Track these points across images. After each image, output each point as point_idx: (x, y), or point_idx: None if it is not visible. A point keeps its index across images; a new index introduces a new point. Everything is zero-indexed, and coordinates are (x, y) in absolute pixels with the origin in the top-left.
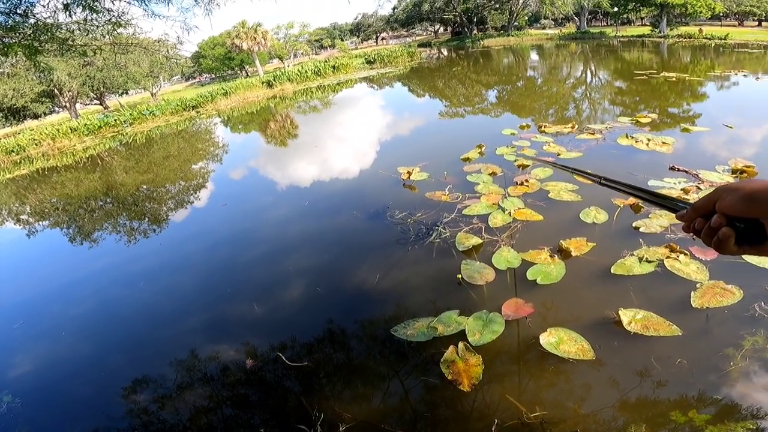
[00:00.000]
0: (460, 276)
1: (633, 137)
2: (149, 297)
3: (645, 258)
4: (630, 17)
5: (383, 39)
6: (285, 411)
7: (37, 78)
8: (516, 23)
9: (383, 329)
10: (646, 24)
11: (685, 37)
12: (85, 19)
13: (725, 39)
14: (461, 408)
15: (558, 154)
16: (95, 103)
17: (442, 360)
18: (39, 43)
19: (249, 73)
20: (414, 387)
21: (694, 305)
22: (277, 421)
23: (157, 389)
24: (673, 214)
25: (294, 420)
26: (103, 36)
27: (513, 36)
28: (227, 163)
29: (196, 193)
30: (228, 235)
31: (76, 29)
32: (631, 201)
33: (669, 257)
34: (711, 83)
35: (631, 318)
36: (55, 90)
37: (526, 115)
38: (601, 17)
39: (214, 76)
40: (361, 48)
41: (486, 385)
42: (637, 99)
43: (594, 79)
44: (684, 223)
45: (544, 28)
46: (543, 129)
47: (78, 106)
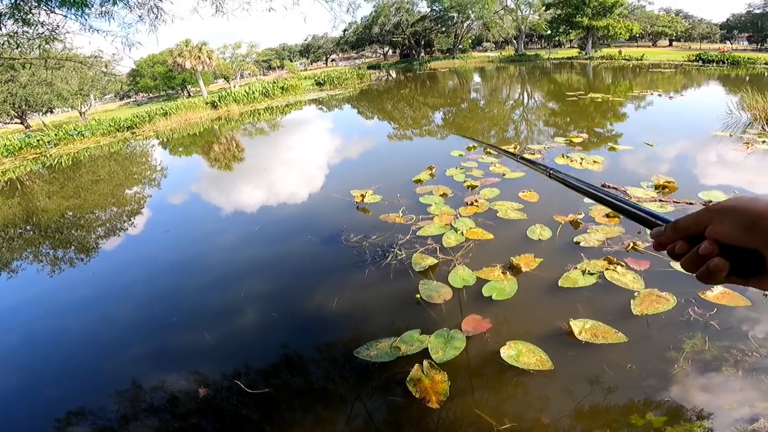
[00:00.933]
0: (418, 296)
1: (568, 157)
2: (85, 327)
3: (587, 270)
4: (561, 40)
5: (333, 60)
6: None
7: None
8: (461, 46)
9: (345, 352)
10: (574, 46)
11: (608, 59)
12: (16, 32)
13: (641, 59)
14: (432, 425)
15: (503, 174)
16: (15, 122)
17: (408, 378)
18: None
19: (191, 93)
20: (381, 407)
21: (634, 312)
22: None
23: (97, 420)
24: (638, 223)
25: None
26: (32, 50)
27: (458, 58)
28: (166, 188)
29: (131, 220)
30: (172, 263)
31: (4, 42)
32: (571, 218)
33: (608, 269)
34: (630, 104)
35: (581, 328)
36: None
37: (470, 137)
38: (537, 40)
39: (152, 95)
40: (311, 69)
41: (454, 401)
42: (568, 120)
43: (530, 101)
44: (656, 241)
45: (486, 50)
46: (488, 150)
47: None
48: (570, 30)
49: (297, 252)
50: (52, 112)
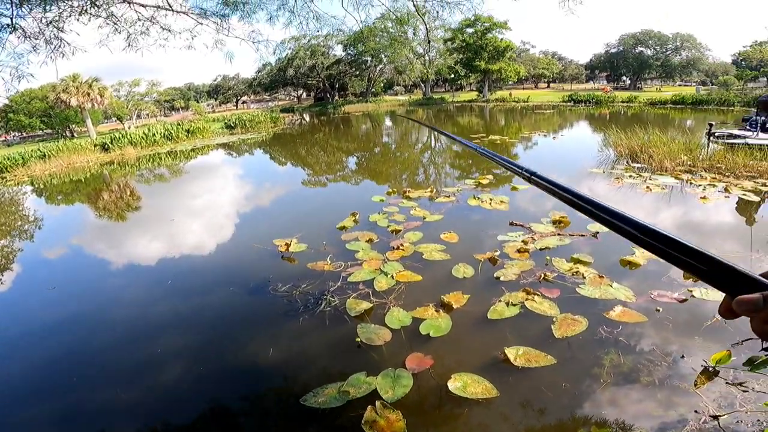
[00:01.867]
0: (358, 339)
1: (479, 198)
2: None
3: (510, 302)
4: (462, 83)
5: (244, 103)
6: None
7: None
8: (373, 89)
9: (290, 401)
10: (473, 89)
11: (501, 101)
12: None
13: (527, 101)
14: None
15: (424, 217)
16: None
17: (363, 421)
18: None
19: (76, 134)
20: None
21: (556, 336)
22: None
23: None
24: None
25: None
26: None
27: (371, 102)
28: (44, 241)
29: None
30: (66, 322)
31: None
32: (489, 255)
33: (527, 299)
34: (520, 144)
35: (516, 354)
36: None
37: (385, 182)
38: (442, 83)
39: (25, 134)
40: (219, 111)
41: None
42: (472, 161)
43: (437, 144)
44: (744, 309)
45: (397, 94)
46: (407, 195)
47: None
48: (470, 74)
49: (221, 304)
50: None
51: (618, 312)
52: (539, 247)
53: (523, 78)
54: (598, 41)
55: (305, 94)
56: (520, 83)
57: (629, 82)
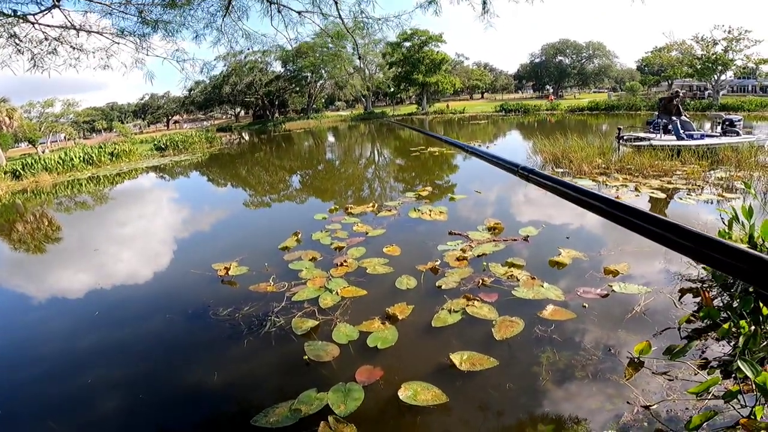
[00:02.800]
0: (306, 356)
1: (419, 210)
2: None
3: (452, 309)
4: (402, 96)
5: (176, 122)
6: None
7: None
8: (314, 106)
9: (240, 423)
10: (413, 102)
11: (439, 113)
12: None
13: (463, 112)
14: None
15: (366, 232)
16: None
17: None
18: None
19: None
20: None
21: (497, 338)
22: None
23: None
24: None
25: None
26: None
27: (313, 118)
28: None
29: None
30: None
31: None
32: (430, 265)
33: (468, 305)
34: (459, 155)
35: (461, 359)
36: None
37: (329, 199)
38: (383, 97)
39: None
40: (148, 132)
41: None
42: (414, 174)
43: (380, 158)
44: None
45: (338, 109)
46: (350, 211)
47: None
48: (409, 87)
49: (157, 333)
50: None
51: (550, 311)
52: (477, 254)
53: (459, 90)
54: (524, 51)
55: (243, 112)
56: (456, 95)
57: (551, 90)
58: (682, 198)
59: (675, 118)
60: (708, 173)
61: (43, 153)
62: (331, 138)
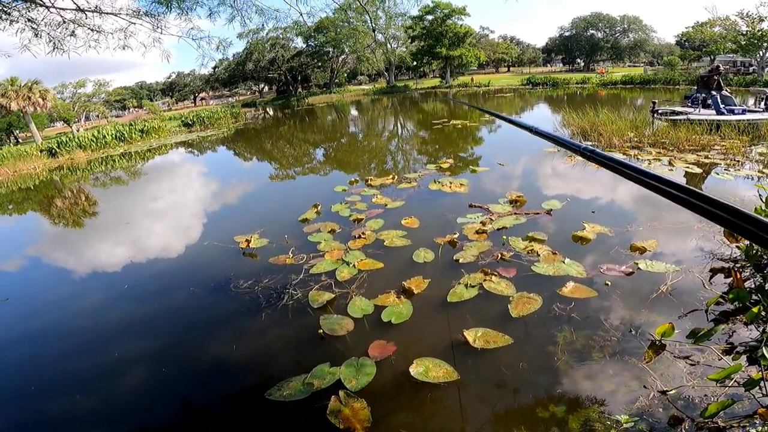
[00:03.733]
0: (321, 330)
1: (439, 182)
2: None
3: (469, 284)
4: (425, 70)
5: (203, 99)
6: None
7: None
8: (337, 80)
9: (256, 396)
10: (436, 76)
11: (463, 86)
12: None
13: (488, 86)
14: None
15: (386, 204)
16: None
17: (328, 411)
18: None
19: (20, 140)
20: None
21: (513, 315)
22: None
23: None
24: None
25: None
26: None
27: (335, 93)
28: None
29: None
30: (18, 333)
31: None
32: (449, 238)
33: (485, 280)
34: (484, 128)
35: (475, 336)
36: None
37: (352, 171)
38: (405, 71)
39: None
40: (176, 109)
41: (378, 425)
42: (437, 147)
43: (403, 131)
44: None
45: (360, 83)
46: (370, 183)
47: None
48: (432, 60)
49: (180, 306)
50: None
51: (570, 288)
52: (497, 227)
53: (484, 63)
54: (553, 25)
55: (267, 87)
56: (481, 68)
57: (583, 64)
58: (719, 173)
59: (715, 92)
60: (749, 148)
61: (78, 131)
62: (354, 111)
